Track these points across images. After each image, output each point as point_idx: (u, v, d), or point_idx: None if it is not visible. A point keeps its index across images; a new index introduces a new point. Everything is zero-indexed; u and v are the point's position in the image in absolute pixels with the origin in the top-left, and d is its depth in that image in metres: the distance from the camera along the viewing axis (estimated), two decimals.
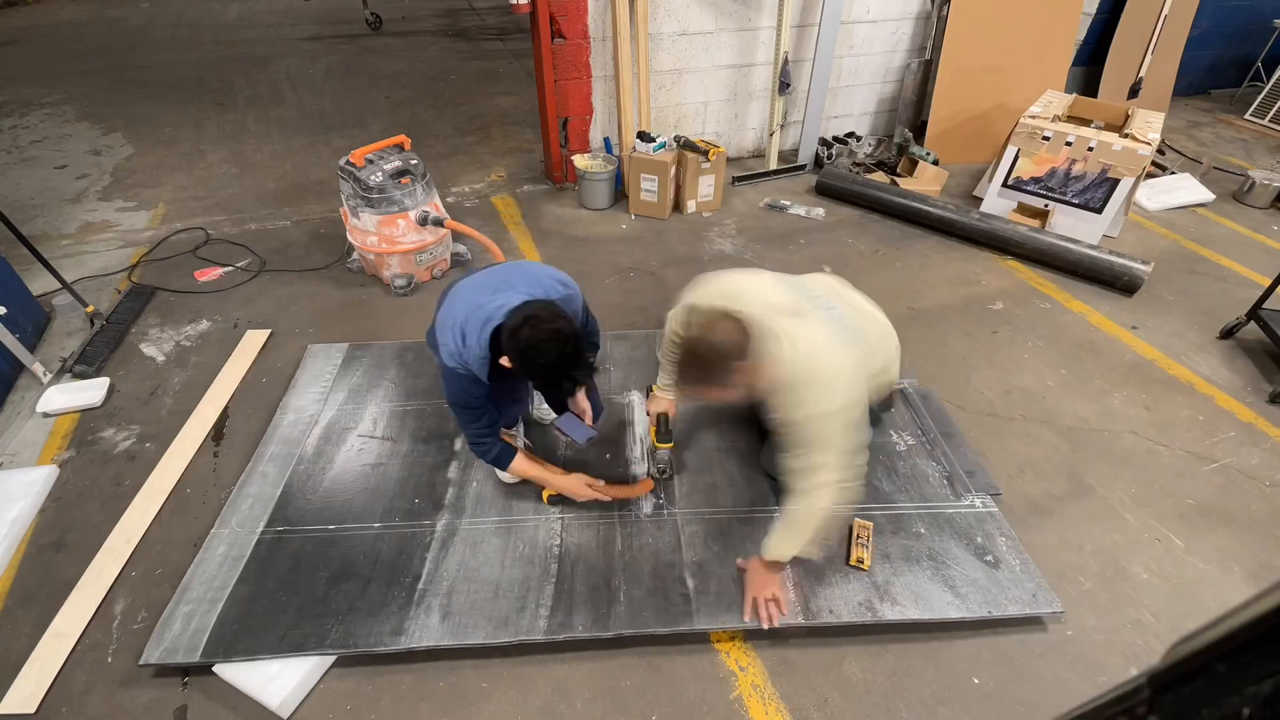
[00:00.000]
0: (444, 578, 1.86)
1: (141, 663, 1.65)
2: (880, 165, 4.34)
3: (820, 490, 1.56)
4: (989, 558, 1.95)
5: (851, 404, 1.55)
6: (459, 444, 2.27)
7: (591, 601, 1.81)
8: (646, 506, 2.08)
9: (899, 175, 4.19)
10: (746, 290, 1.69)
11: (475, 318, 1.66)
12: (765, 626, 1.73)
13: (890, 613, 1.80)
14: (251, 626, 1.71)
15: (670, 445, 2.08)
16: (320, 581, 1.83)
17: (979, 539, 2.00)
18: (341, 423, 2.35)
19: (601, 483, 2.00)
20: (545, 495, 2.06)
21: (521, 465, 1.92)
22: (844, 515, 1.62)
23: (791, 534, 1.64)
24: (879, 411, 1.81)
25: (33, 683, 1.67)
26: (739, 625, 1.78)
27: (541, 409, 2.36)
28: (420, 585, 1.83)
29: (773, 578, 1.76)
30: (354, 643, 1.70)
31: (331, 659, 1.71)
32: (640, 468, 2.22)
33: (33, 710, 1.62)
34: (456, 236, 3.19)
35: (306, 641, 1.69)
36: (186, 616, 1.73)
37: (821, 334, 1.57)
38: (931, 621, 1.80)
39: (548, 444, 2.30)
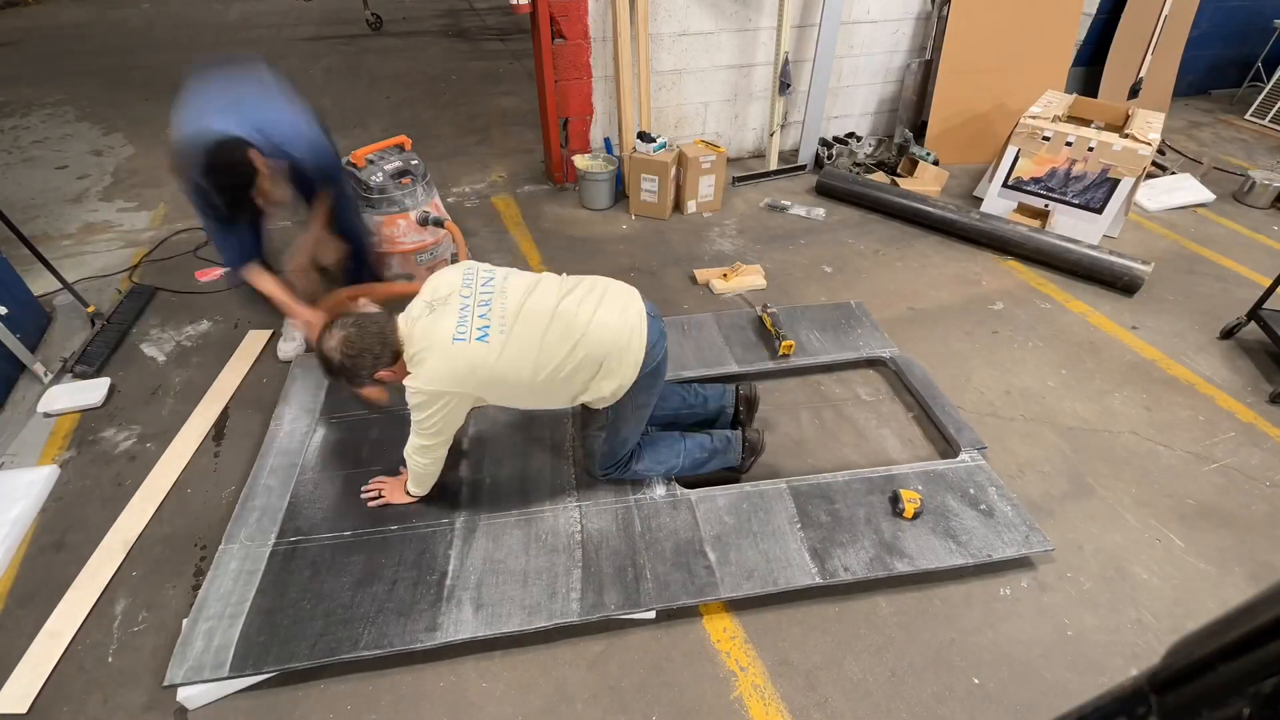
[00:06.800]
0: (471, 571, 1.87)
1: (166, 684, 1.61)
2: (880, 165, 4.34)
3: (412, 455, 1.87)
4: (983, 507, 2.07)
5: (432, 392, 1.67)
6: (465, 443, 2.28)
7: (619, 581, 1.85)
8: (659, 489, 2.11)
9: (899, 175, 4.19)
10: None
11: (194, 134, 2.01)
12: (372, 503, 2.03)
13: (901, 565, 1.89)
14: (279, 637, 1.70)
15: None
16: (344, 587, 1.82)
17: (972, 491, 2.13)
18: (340, 429, 2.35)
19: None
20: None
21: (263, 281, 2.27)
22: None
23: (413, 483, 1.99)
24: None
25: (25, 683, 1.66)
26: (762, 590, 1.83)
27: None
28: (449, 581, 1.84)
29: (401, 495, 2.04)
30: (389, 642, 1.69)
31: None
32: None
33: (25, 710, 1.62)
34: None
35: (339, 646, 1.68)
36: (207, 633, 1.70)
37: (444, 327, 1.67)
38: (940, 570, 1.92)
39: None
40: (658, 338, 1.81)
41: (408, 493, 2.02)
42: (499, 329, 1.66)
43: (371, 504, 2.03)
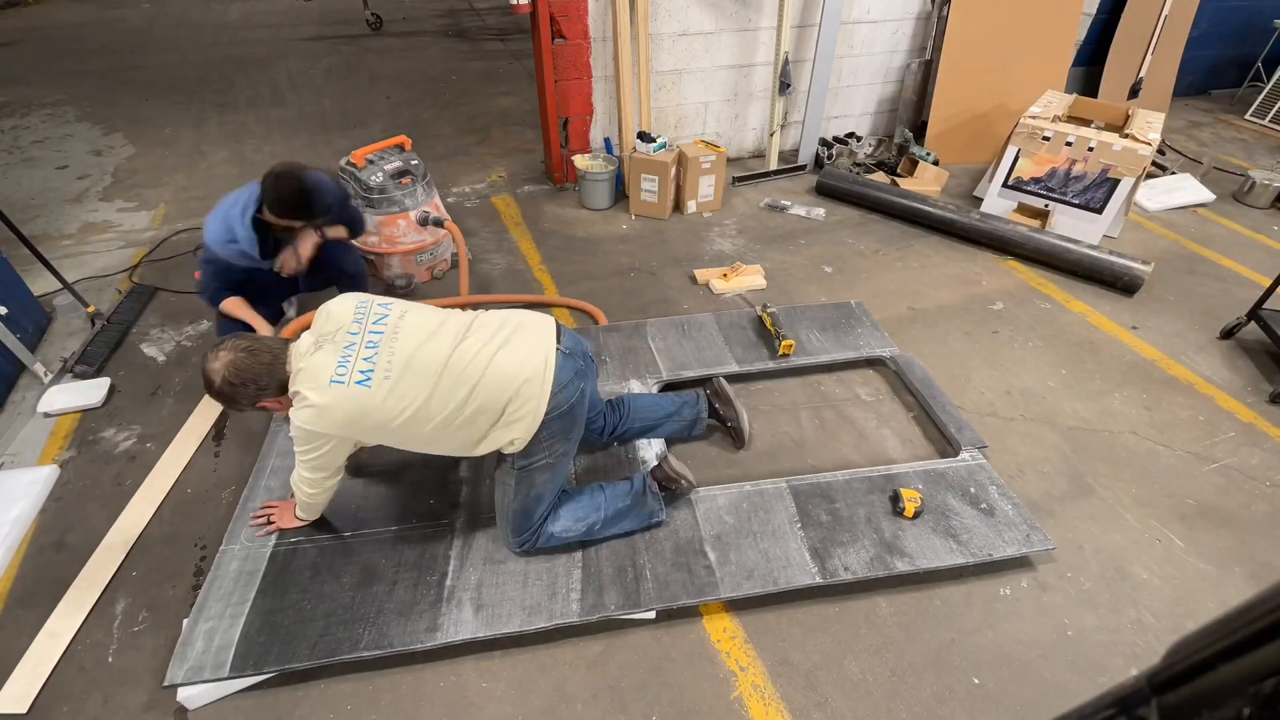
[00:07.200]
0: (470, 572, 1.87)
1: (166, 684, 1.61)
2: (880, 165, 4.34)
3: (300, 487, 1.79)
4: (984, 506, 2.07)
5: (310, 428, 1.57)
6: None
7: (620, 581, 1.85)
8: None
9: (899, 175, 4.19)
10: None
11: (246, 191, 2.23)
12: (260, 533, 1.94)
13: (901, 564, 1.89)
14: (280, 637, 1.70)
15: None
16: (345, 587, 1.83)
17: (972, 490, 2.13)
18: None
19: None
20: None
21: (232, 305, 2.36)
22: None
23: (301, 510, 1.92)
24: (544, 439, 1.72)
25: (25, 683, 1.67)
26: (762, 590, 1.82)
27: None
28: (449, 582, 1.84)
29: (293, 520, 1.96)
30: (389, 643, 1.69)
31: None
32: (649, 450, 2.24)
33: (25, 710, 1.62)
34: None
35: (340, 646, 1.68)
36: (208, 634, 1.70)
37: (326, 367, 1.56)
38: (941, 569, 1.91)
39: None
40: (570, 377, 1.68)
41: (297, 517, 1.93)
42: (383, 374, 1.55)
43: (260, 533, 1.93)
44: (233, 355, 1.56)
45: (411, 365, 1.58)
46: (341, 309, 1.66)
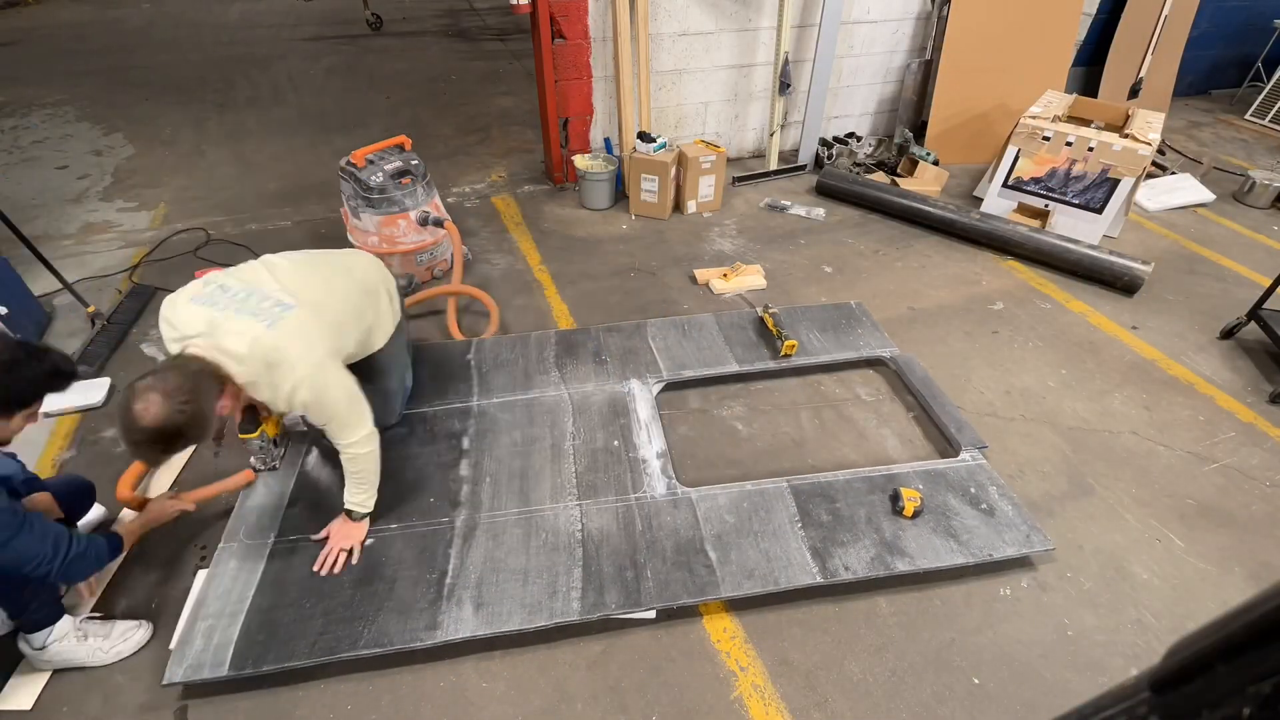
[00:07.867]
0: (471, 570, 1.87)
1: (165, 683, 1.60)
2: (880, 165, 4.34)
3: (356, 448, 1.82)
4: (984, 506, 2.07)
5: (317, 367, 1.68)
6: (467, 442, 2.28)
7: (620, 580, 1.85)
8: (660, 488, 2.11)
9: (899, 175, 4.19)
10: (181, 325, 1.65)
11: None
12: (324, 573, 1.83)
13: (902, 564, 1.89)
14: (279, 636, 1.70)
15: (255, 434, 2.02)
16: (344, 585, 1.82)
17: (973, 490, 2.13)
18: None
19: (187, 496, 1.96)
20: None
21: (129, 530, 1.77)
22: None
23: (363, 488, 1.88)
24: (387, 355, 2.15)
25: (29, 681, 1.67)
26: (763, 590, 1.82)
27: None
28: (449, 580, 1.84)
29: (357, 529, 1.91)
30: (389, 641, 1.69)
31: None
32: (650, 449, 2.24)
33: (29, 707, 1.62)
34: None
35: (339, 645, 1.68)
36: (207, 632, 1.70)
37: (246, 327, 1.62)
38: (941, 569, 1.91)
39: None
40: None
41: (357, 518, 1.88)
42: (289, 296, 1.72)
43: (339, 568, 1.84)
44: (162, 384, 1.44)
45: (296, 273, 1.84)
46: (182, 315, 1.65)
